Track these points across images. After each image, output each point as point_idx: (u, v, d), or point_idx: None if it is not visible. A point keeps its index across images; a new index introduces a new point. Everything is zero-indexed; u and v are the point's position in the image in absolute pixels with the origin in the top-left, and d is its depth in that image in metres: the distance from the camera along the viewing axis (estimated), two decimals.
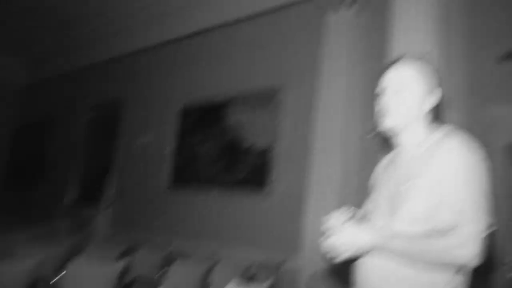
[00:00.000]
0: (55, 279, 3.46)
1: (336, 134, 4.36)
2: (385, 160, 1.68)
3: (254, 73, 5.79)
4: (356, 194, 4.26)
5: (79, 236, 6.11)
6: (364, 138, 4.43)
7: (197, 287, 3.72)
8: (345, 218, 1.39)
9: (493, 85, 3.87)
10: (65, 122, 8.94)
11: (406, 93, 1.44)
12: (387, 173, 1.56)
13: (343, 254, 1.34)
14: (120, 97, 7.82)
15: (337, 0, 4.82)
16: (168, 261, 4.16)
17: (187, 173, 6.22)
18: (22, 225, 6.16)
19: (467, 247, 1.19)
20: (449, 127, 1.45)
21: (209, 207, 5.75)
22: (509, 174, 3.85)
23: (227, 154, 5.74)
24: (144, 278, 4.23)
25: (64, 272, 3.01)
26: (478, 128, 3.84)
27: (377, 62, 4.47)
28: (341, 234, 1.34)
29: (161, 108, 6.96)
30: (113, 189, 7.33)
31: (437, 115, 1.55)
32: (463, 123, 3.77)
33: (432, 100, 1.49)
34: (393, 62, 1.52)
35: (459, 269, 1.29)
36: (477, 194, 1.25)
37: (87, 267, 3.25)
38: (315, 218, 4.11)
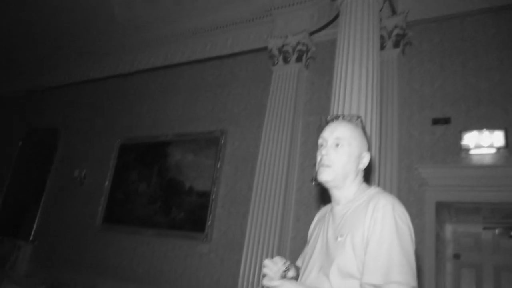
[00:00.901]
0: None
1: (277, 182, 4.44)
2: (320, 213, 1.73)
3: (198, 115, 5.81)
4: (292, 243, 4.32)
5: None
6: (302, 186, 4.54)
7: None
8: (279, 269, 1.40)
9: (423, 148, 4.19)
10: None
11: (343, 149, 1.52)
12: (321, 226, 1.60)
13: None
14: (59, 124, 7.49)
15: (287, 53, 5.06)
16: None
17: (121, 211, 5.96)
18: None
19: None
20: (378, 188, 1.54)
21: (142, 248, 5.51)
22: (438, 229, 4.10)
23: (165, 195, 5.61)
24: None
25: None
26: (411, 187, 4.12)
27: (318, 115, 4.73)
28: None
29: (101, 141, 6.73)
30: (36, 222, 6.85)
31: (368, 176, 1.65)
32: (396, 182, 4.03)
33: (365, 161, 1.57)
34: (334, 118, 1.61)
35: None
36: (404, 256, 1.30)
37: None
38: (252, 266, 4.08)
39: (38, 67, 8.20)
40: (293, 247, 4.29)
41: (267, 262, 1.46)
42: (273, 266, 1.44)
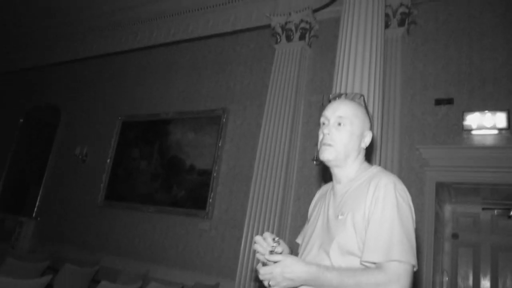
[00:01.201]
0: None
1: (278, 161, 4.45)
2: (321, 191, 1.73)
3: (200, 92, 5.79)
4: (293, 221, 4.37)
5: None
6: (303, 166, 4.56)
7: None
8: (269, 244, 1.41)
9: (424, 129, 4.19)
10: None
11: (345, 128, 1.50)
12: (322, 204, 1.60)
13: (278, 284, 1.34)
14: (60, 103, 7.48)
15: (289, 31, 5.01)
16: (94, 280, 3.97)
17: (123, 189, 6.01)
18: None
19: (394, 284, 1.23)
20: (380, 167, 1.54)
21: (144, 225, 5.58)
22: (437, 209, 4.14)
23: (167, 172, 5.64)
24: None
25: None
26: (411, 167, 4.13)
27: (320, 94, 4.71)
28: (276, 265, 1.34)
29: (102, 119, 6.73)
30: (40, 199, 6.93)
31: (369, 155, 1.65)
32: (397, 162, 4.05)
33: (367, 139, 1.56)
34: (336, 97, 1.60)
35: None
36: (405, 234, 1.30)
37: (7, 281, 3.02)
38: (252, 244, 4.13)
39: (38, 45, 8.13)
40: (294, 224, 4.33)
41: (257, 238, 1.46)
42: (263, 242, 1.45)
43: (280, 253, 1.40)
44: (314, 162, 4.39)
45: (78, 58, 7.51)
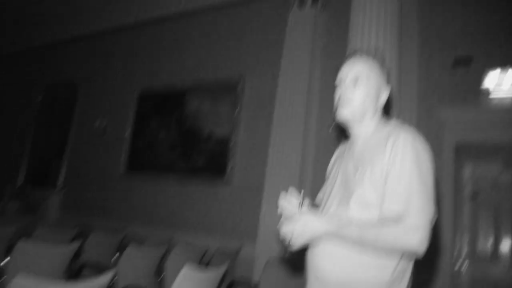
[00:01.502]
0: (2, 262, 3.32)
1: (295, 125, 4.47)
2: (339, 150, 1.74)
3: (215, 62, 5.80)
4: (313, 183, 4.41)
5: (28, 218, 5.91)
6: (321, 130, 4.57)
7: (151, 272, 3.71)
8: (297, 202, 1.44)
9: (443, 89, 4.12)
10: (16, 101, 8.56)
11: (361, 85, 1.50)
12: (341, 162, 1.62)
13: (298, 241, 1.38)
14: (77, 78, 7.58)
15: None
16: (121, 246, 4.10)
17: (144, 159, 6.16)
18: None
19: (414, 236, 1.26)
20: (398, 122, 1.55)
21: (165, 193, 5.73)
22: (456, 171, 4.13)
23: (185, 141, 5.73)
24: (96, 262, 4.13)
25: (12, 254, 2.90)
26: (430, 128, 4.10)
27: (336, 59, 4.64)
28: (297, 222, 1.38)
29: (119, 92, 6.82)
30: (64, 171, 7.14)
31: (387, 111, 1.65)
32: (415, 123, 4.01)
33: (383, 97, 1.56)
34: (350, 55, 1.58)
35: (407, 255, 1.36)
36: (424, 185, 1.32)
37: (37, 249, 3.13)
38: (272, 207, 4.20)
39: (52, 21, 8.14)
40: (313, 187, 4.38)
41: (282, 202, 1.48)
42: (288, 205, 1.47)
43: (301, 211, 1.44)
44: (330, 129, 4.38)
45: (93, 33, 7.53)
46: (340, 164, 1.63)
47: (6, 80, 8.98)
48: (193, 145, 5.63)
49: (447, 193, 3.95)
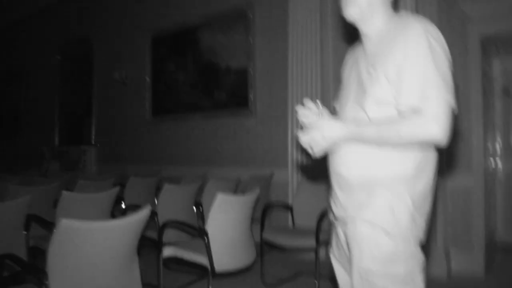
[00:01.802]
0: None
1: (311, 44, 4.35)
2: (351, 54, 1.69)
3: None
4: (335, 98, 4.36)
5: (69, 174, 6.20)
6: (337, 42, 4.40)
7: (190, 207, 3.87)
8: (315, 111, 1.43)
9: None
10: (35, 64, 8.68)
11: None
12: (353, 66, 1.58)
13: (319, 147, 1.40)
14: (89, 34, 7.55)
15: None
16: (158, 188, 4.25)
17: (167, 102, 6.21)
18: (10, 172, 6.16)
19: (435, 124, 1.23)
20: (409, 13, 1.47)
21: (192, 132, 5.83)
22: (483, 64, 3.96)
23: (205, 78, 5.71)
24: (138, 205, 4.31)
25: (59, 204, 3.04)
26: (452, 23, 3.88)
27: None
28: (316, 129, 1.39)
29: (132, 40, 6.76)
30: (94, 126, 7.38)
31: (397, 4, 1.56)
32: (436, 18, 3.78)
33: None
34: None
35: (430, 146, 1.35)
36: (439, 74, 1.27)
37: (81, 197, 3.31)
38: (297, 131, 4.22)
39: None
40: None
41: (301, 111, 1.47)
42: (309, 113, 1.47)
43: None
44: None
45: None
46: (354, 65, 1.59)
47: (25, 45, 9.04)
48: (213, 80, 5.60)
49: (475, 91, 3.82)
